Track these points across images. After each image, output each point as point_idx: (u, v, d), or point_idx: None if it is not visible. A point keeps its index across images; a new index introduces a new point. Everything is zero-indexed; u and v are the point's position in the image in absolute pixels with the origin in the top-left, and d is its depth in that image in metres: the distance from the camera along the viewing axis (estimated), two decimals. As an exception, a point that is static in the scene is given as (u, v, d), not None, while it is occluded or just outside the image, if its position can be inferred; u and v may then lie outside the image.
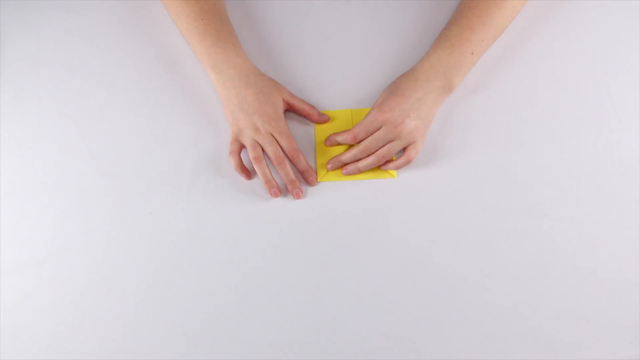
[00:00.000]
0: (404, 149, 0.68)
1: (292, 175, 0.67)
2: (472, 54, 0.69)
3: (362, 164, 0.68)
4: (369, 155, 0.68)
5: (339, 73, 0.74)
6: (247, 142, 0.67)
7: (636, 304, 0.61)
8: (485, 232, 0.65)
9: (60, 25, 0.77)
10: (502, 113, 0.71)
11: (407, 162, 0.68)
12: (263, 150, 0.67)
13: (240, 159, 0.68)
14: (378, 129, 0.67)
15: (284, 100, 0.69)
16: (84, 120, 0.72)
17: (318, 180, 0.69)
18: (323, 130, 0.71)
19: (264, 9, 0.78)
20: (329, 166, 0.69)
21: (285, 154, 0.68)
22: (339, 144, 0.69)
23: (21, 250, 0.66)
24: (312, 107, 0.71)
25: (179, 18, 0.72)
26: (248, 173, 0.68)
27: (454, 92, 0.70)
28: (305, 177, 0.68)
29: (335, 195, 0.68)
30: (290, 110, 0.71)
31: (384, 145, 0.67)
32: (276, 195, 0.67)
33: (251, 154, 0.67)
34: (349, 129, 0.69)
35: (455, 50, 0.68)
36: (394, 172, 0.68)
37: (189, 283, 0.64)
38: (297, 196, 0.67)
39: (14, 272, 0.65)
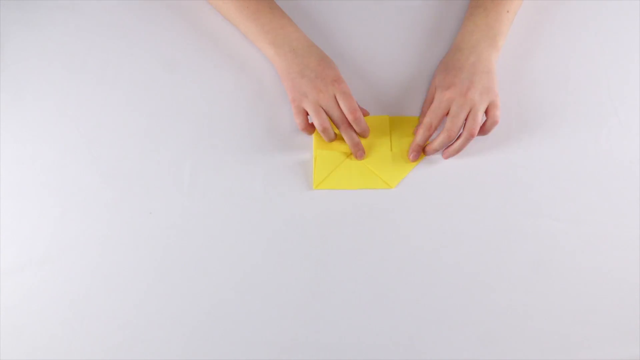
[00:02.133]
0: (486, 113, 0.67)
1: (356, 138, 0.68)
2: (508, 11, 0.70)
3: (457, 145, 0.67)
4: (458, 137, 0.67)
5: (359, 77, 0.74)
6: (310, 108, 0.68)
7: (636, 304, 0.61)
8: (485, 232, 0.65)
9: (60, 25, 0.77)
10: (502, 113, 0.71)
11: (495, 123, 0.67)
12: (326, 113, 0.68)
13: (307, 119, 0.69)
14: (448, 109, 0.66)
15: None
16: (84, 120, 0.72)
17: (314, 187, 0.68)
18: (321, 137, 0.70)
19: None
20: (411, 156, 0.68)
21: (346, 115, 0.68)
22: (422, 146, 0.68)
23: (21, 250, 0.66)
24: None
25: (225, 3, 0.73)
26: (314, 130, 0.69)
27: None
28: (354, 149, 0.69)
29: (337, 195, 0.68)
30: None
31: (465, 120, 0.66)
32: (362, 156, 0.69)
33: (316, 122, 0.68)
34: (420, 124, 0.68)
35: (489, 11, 0.70)
36: (392, 183, 0.68)
37: (189, 283, 0.64)
38: (360, 157, 0.69)
39: (14, 272, 0.64)
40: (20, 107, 0.73)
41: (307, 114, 0.69)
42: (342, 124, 0.68)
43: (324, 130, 0.68)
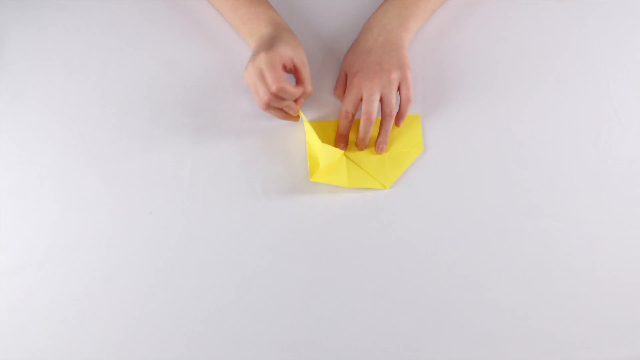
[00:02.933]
0: (399, 91, 0.67)
1: (280, 115, 0.67)
2: None
3: (382, 135, 0.67)
4: (381, 128, 0.67)
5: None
6: (250, 85, 0.64)
7: (636, 304, 0.61)
8: (485, 232, 0.65)
9: (60, 25, 0.77)
10: (502, 113, 0.71)
11: (408, 102, 0.67)
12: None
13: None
14: (361, 94, 0.66)
15: (294, 56, 0.64)
16: (84, 120, 0.72)
17: (311, 180, 0.68)
18: (313, 131, 0.70)
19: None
20: (340, 146, 0.68)
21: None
22: (345, 136, 0.68)
23: (21, 250, 0.66)
24: (304, 88, 0.65)
25: None
26: (276, 109, 0.66)
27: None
28: (287, 109, 0.66)
29: (337, 195, 0.68)
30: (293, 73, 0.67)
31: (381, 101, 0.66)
32: (296, 113, 0.67)
33: (259, 95, 0.64)
34: (340, 114, 0.68)
35: None
36: (386, 184, 0.67)
37: (189, 283, 0.64)
38: (295, 113, 0.67)
39: (14, 272, 0.64)
40: (20, 107, 0.73)
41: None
42: (275, 84, 0.61)
43: (267, 104, 0.63)
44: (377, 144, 0.68)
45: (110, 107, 0.73)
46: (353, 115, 0.68)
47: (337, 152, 0.68)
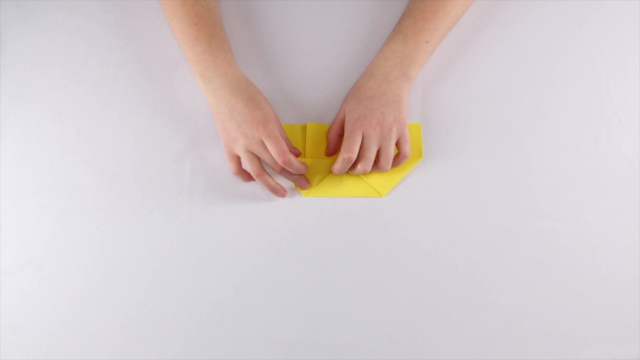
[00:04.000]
0: (397, 146, 0.67)
1: (295, 176, 0.67)
2: (427, 42, 0.69)
3: (357, 167, 0.67)
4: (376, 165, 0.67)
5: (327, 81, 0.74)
6: (243, 155, 0.65)
7: (636, 304, 0.61)
8: (485, 232, 0.65)
9: (60, 25, 0.77)
10: (502, 113, 0.71)
11: (405, 157, 0.67)
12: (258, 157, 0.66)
13: (247, 173, 0.67)
14: (361, 138, 0.65)
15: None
16: (84, 120, 0.72)
17: (303, 195, 0.68)
18: (308, 145, 0.70)
19: (254, 10, 0.78)
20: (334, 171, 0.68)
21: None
22: (341, 172, 0.68)
23: (21, 250, 0.66)
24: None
25: (172, 21, 0.70)
26: (249, 176, 0.68)
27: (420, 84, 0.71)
28: (297, 183, 0.68)
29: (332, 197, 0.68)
30: None
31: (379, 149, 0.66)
32: (284, 196, 0.67)
33: (249, 169, 0.65)
34: (342, 159, 0.65)
35: (408, 40, 0.69)
36: (382, 191, 0.67)
37: (189, 283, 0.64)
38: (305, 187, 0.68)
39: (14, 272, 0.64)
40: (20, 108, 0.73)
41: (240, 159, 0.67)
42: (275, 167, 0.65)
43: (258, 177, 0.65)
44: (355, 169, 0.67)
45: (110, 107, 0.73)
46: (353, 160, 0.66)
47: (328, 164, 0.69)
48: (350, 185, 0.68)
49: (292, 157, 0.65)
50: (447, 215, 0.66)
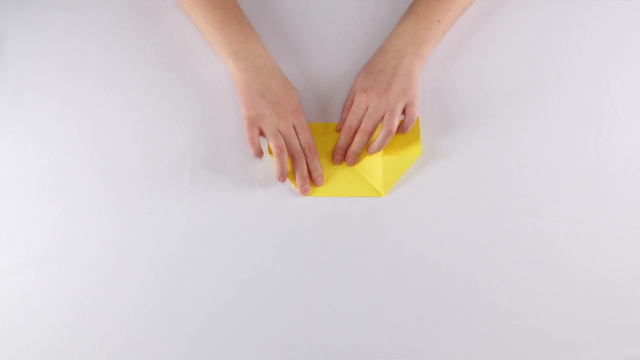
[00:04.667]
0: (404, 112, 0.67)
1: (306, 172, 0.67)
2: (439, 21, 0.69)
3: (377, 142, 0.67)
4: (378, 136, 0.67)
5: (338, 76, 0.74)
6: (268, 130, 0.66)
7: (636, 304, 0.61)
8: (485, 232, 0.65)
9: (60, 25, 0.77)
10: (502, 113, 0.71)
11: (412, 121, 0.67)
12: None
13: (260, 147, 0.67)
14: (366, 109, 0.67)
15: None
16: (84, 120, 0.72)
17: (304, 195, 0.68)
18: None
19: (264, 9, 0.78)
20: (335, 159, 0.69)
21: (302, 148, 0.67)
22: (344, 149, 0.69)
23: (21, 250, 0.66)
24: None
25: (194, 8, 0.71)
26: (260, 151, 0.68)
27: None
28: (314, 177, 0.68)
29: (337, 196, 0.68)
30: None
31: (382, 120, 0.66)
32: (283, 181, 0.67)
33: (273, 143, 0.66)
34: (343, 127, 0.68)
35: (420, 19, 0.69)
36: (382, 191, 0.67)
37: (189, 283, 0.64)
38: (306, 192, 0.67)
39: (14, 272, 0.64)
40: (20, 107, 0.73)
41: (260, 134, 0.67)
42: (297, 154, 0.67)
43: (280, 153, 0.65)
44: (370, 147, 0.68)
45: (110, 107, 0.73)
46: (355, 131, 0.68)
47: (329, 166, 0.69)
48: (350, 184, 0.68)
49: (316, 153, 0.68)
50: (446, 215, 0.66)
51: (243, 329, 0.61)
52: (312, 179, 0.68)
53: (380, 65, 0.68)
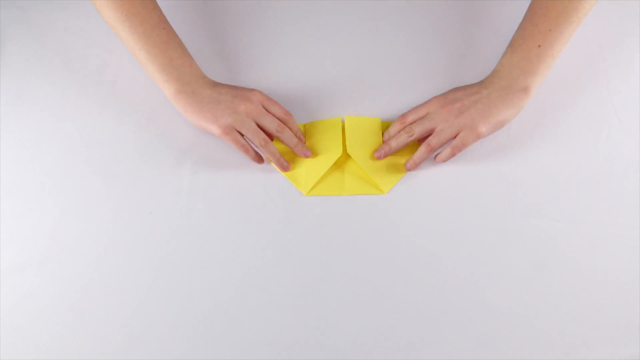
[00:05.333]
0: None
1: (295, 138, 0.67)
2: (539, 46, 0.64)
3: (416, 158, 0.66)
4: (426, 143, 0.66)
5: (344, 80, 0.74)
6: (245, 127, 0.65)
7: (636, 304, 0.61)
8: (485, 232, 0.65)
9: (60, 25, 0.77)
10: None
11: (462, 147, 0.65)
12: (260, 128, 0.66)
13: (254, 150, 0.67)
14: (435, 122, 0.65)
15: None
16: (84, 120, 0.72)
17: (306, 194, 0.67)
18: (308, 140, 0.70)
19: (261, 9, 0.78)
20: (377, 154, 0.67)
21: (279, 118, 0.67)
22: (390, 146, 0.67)
23: (21, 250, 0.66)
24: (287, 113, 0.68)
25: (123, 24, 0.66)
26: (261, 158, 0.68)
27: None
28: (298, 136, 0.68)
29: (337, 196, 0.68)
30: None
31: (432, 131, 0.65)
32: (287, 169, 0.67)
33: (256, 140, 0.65)
34: (398, 119, 0.67)
35: (516, 48, 0.66)
36: (384, 188, 0.67)
37: (189, 283, 0.64)
38: (307, 155, 0.67)
39: (14, 272, 0.64)
40: (20, 107, 0.73)
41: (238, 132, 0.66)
42: (278, 128, 0.65)
43: (264, 146, 0.65)
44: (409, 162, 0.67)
45: (110, 107, 0.73)
46: (409, 124, 0.66)
47: (329, 162, 0.68)
48: (352, 183, 0.68)
49: (292, 118, 0.67)
50: (446, 215, 0.66)
51: (243, 329, 0.61)
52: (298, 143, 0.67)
53: (469, 88, 0.65)
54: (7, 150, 0.71)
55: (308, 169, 0.68)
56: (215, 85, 0.68)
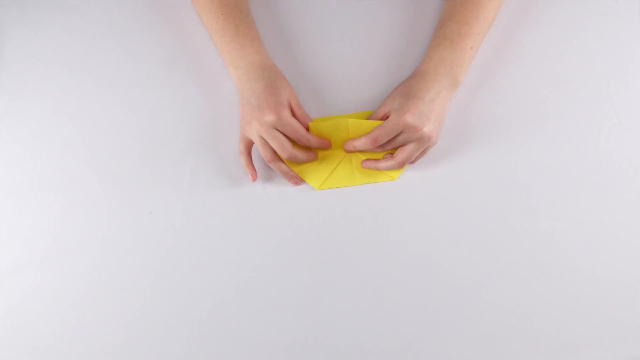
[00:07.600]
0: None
1: (285, 168, 0.67)
2: (472, 48, 0.69)
3: (382, 164, 0.67)
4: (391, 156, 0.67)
5: (340, 74, 0.74)
6: (254, 138, 0.66)
7: (636, 304, 0.61)
8: (485, 232, 0.65)
9: (60, 25, 0.77)
10: (502, 113, 0.71)
11: (400, 164, 0.66)
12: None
13: (250, 157, 0.68)
14: (398, 133, 0.65)
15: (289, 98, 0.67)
16: (84, 120, 0.72)
17: (317, 189, 0.68)
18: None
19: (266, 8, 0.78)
20: (364, 165, 0.68)
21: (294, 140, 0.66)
22: (357, 149, 0.68)
23: (21, 250, 0.66)
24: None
25: (201, 14, 0.72)
26: (255, 173, 0.68)
27: (458, 89, 0.69)
28: (289, 177, 0.68)
29: (337, 195, 0.68)
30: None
31: (401, 145, 0.66)
32: (297, 184, 0.68)
33: (262, 153, 0.66)
34: (369, 133, 0.66)
35: (455, 47, 0.68)
36: (394, 175, 0.68)
37: (189, 283, 0.64)
38: (297, 184, 0.68)
39: (14, 272, 0.65)
40: (20, 107, 0.73)
41: (253, 143, 0.67)
42: (285, 152, 0.65)
43: (271, 162, 0.66)
44: (367, 163, 0.68)
45: (110, 107, 0.73)
46: (379, 145, 0.66)
47: (337, 159, 0.68)
48: (362, 172, 0.68)
49: (307, 133, 0.65)
50: (446, 215, 0.66)
51: (243, 329, 0.61)
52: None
53: (420, 92, 0.66)
54: (7, 150, 0.71)
55: (318, 164, 0.69)
56: (257, 76, 0.67)
